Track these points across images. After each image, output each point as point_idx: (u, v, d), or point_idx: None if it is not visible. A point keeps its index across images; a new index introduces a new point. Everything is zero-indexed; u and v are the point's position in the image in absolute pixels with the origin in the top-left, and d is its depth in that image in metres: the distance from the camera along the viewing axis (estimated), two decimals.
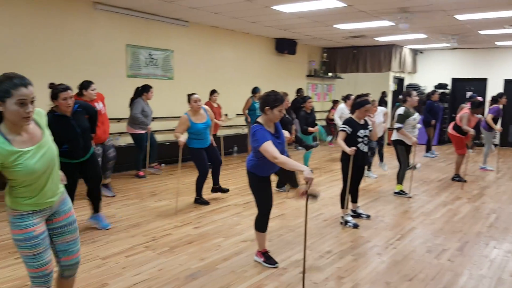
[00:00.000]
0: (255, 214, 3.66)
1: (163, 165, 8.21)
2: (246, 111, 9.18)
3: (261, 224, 3.66)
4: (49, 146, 2.24)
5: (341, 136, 4.72)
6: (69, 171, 3.45)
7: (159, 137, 8.29)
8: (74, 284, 2.60)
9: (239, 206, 5.56)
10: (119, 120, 7.52)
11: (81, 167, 4.29)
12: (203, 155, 5.50)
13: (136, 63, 7.91)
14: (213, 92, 8.30)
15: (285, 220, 4.98)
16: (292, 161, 3.19)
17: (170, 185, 6.66)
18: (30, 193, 2.20)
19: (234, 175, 7.53)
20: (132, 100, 6.95)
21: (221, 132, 8.78)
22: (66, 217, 2.43)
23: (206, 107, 5.72)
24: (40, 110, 2.30)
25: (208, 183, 5.74)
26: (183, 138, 5.19)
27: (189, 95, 5.45)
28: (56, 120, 3.93)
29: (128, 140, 7.42)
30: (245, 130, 9.79)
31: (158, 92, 7.42)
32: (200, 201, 5.63)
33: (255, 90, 9.21)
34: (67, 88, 3.98)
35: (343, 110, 8.29)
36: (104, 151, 5.74)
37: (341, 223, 4.85)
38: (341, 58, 13.02)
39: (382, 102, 11.86)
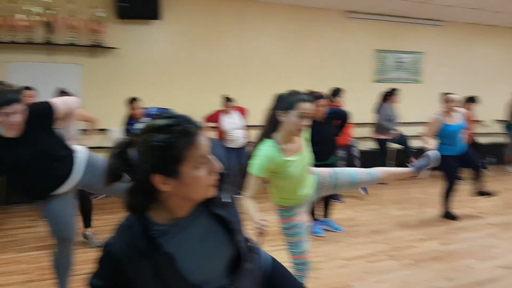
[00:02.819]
0: None
1: None
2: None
3: None
4: (307, 154, 2.50)
5: None
6: None
7: None
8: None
9: (496, 226, 4.89)
10: (362, 124, 7.64)
11: None
12: (452, 164, 5.05)
13: (383, 67, 7.90)
14: (471, 100, 7.37)
15: None
16: None
17: (413, 194, 6.38)
18: (290, 195, 2.49)
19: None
20: (378, 105, 6.96)
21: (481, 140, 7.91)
22: None
23: (462, 109, 5.24)
24: None
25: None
26: (432, 143, 4.87)
27: (444, 94, 5.08)
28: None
29: (370, 145, 7.45)
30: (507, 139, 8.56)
31: (405, 97, 7.23)
32: (447, 215, 5.21)
33: None
34: (320, 97, 4.27)
35: None
36: (349, 153, 5.96)
37: None
38: None
39: None
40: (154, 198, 1.19)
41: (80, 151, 2.90)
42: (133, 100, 5.18)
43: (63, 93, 4.69)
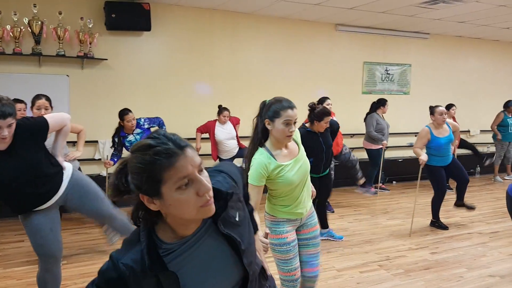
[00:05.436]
0: (504, 246, 3.17)
1: (394, 182, 8.00)
2: (495, 127, 8.11)
3: None
4: (304, 160, 2.46)
5: None
6: None
7: (394, 153, 8.13)
8: None
9: (484, 235, 4.93)
10: (352, 135, 7.68)
11: (319, 181, 4.51)
12: (441, 174, 5.09)
13: (371, 79, 7.98)
14: (450, 107, 7.51)
15: None
16: None
17: (403, 204, 6.42)
18: (286, 202, 2.45)
19: (477, 199, 6.73)
20: (367, 115, 7.01)
21: (461, 151, 8.00)
22: (312, 230, 2.61)
23: (450, 121, 5.30)
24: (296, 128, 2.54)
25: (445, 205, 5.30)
26: (424, 156, 4.90)
27: (433, 107, 5.12)
28: (307, 135, 4.28)
29: (361, 155, 7.48)
30: (491, 149, 8.68)
31: (393, 108, 7.30)
32: (437, 224, 5.23)
33: (508, 104, 8.07)
34: (328, 114, 4.27)
35: None
36: (343, 161, 6.08)
37: None
38: None
39: None
40: (156, 215, 1.17)
41: (68, 169, 2.86)
42: (125, 112, 4.96)
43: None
